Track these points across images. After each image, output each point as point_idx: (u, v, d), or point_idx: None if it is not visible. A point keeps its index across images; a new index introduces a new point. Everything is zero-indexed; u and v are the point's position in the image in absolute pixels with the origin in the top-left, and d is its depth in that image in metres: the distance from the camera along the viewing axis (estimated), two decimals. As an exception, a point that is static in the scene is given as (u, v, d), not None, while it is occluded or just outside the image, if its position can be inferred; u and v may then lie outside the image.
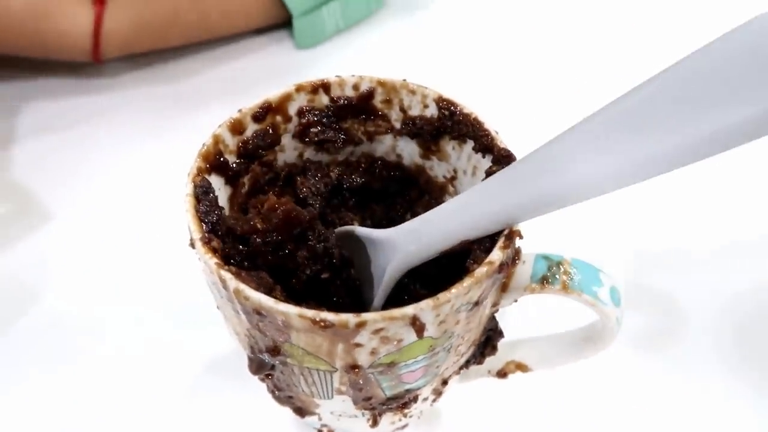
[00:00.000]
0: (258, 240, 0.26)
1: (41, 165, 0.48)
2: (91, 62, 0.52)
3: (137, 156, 0.50)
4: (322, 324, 0.21)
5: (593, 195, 0.21)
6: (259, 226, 0.26)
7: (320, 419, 0.30)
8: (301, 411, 0.29)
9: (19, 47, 0.49)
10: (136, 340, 0.38)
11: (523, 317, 0.32)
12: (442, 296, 0.22)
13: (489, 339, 0.29)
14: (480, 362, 0.30)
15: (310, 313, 0.21)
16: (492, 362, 0.32)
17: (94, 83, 0.54)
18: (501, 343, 0.31)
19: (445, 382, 0.28)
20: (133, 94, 0.54)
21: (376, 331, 0.22)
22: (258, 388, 0.29)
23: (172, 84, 0.55)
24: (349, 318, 0.21)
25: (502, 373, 0.32)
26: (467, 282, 0.22)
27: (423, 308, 0.22)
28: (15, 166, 0.48)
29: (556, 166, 0.22)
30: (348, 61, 0.58)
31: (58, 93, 0.53)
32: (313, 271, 0.28)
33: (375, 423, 0.28)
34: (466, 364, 0.29)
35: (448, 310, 0.23)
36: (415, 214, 0.31)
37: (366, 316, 0.21)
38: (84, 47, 0.50)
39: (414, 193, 0.33)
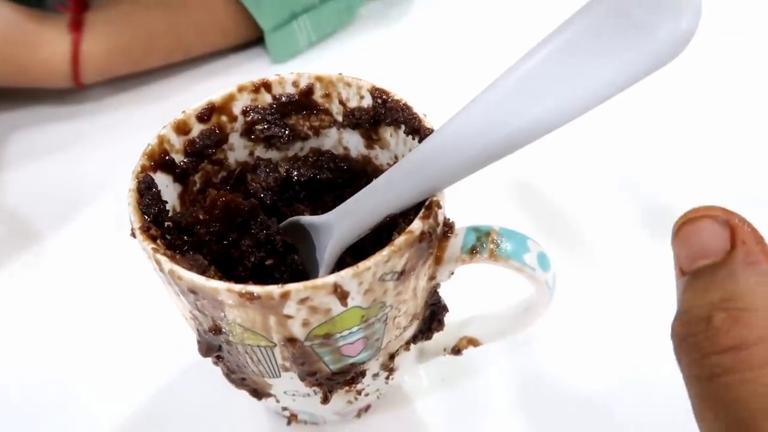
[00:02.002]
0: (201, 230, 0.28)
1: (30, 190, 0.51)
2: (73, 88, 0.55)
3: (123, 177, 0.52)
4: (249, 296, 0.23)
5: (495, 159, 0.23)
6: (201, 216, 0.28)
7: (278, 401, 0.31)
8: (257, 393, 0.30)
9: (2, 78, 0.51)
10: (128, 357, 0.40)
11: (472, 293, 0.34)
12: (362, 264, 0.23)
13: (434, 314, 0.30)
14: (429, 337, 0.31)
15: (237, 287, 0.23)
16: (445, 340, 0.33)
17: (77, 109, 0.57)
18: (452, 321, 0.32)
19: (392, 357, 0.30)
20: (117, 117, 0.57)
21: (302, 301, 0.23)
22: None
23: (155, 105, 0.58)
24: (274, 289, 0.23)
25: (456, 350, 0.33)
26: (387, 251, 0.24)
27: (343, 276, 0.23)
28: (5, 193, 0.51)
29: (460, 136, 0.23)
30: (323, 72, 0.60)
31: (44, 120, 0.56)
32: (257, 258, 0.29)
33: (326, 400, 0.29)
34: (414, 339, 0.30)
35: (371, 278, 0.24)
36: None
37: (289, 286, 0.23)
38: (64, 73, 0.52)
39: (363, 183, 0.34)
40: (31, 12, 0.51)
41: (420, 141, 0.29)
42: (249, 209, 0.29)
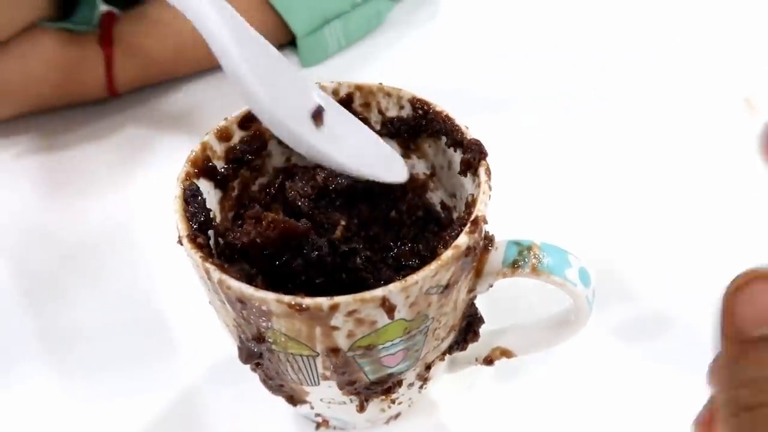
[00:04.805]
0: (255, 252, 0.28)
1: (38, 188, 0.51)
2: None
3: (144, 176, 0.52)
4: (298, 308, 0.23)
5: None
6: (258, 240, 0.28)
7: (312, 407, 0.31)
8: (293, 399, 0.30)
9: (47, 100, 0.53)
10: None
11: (507, 305, 0.34)
12: (410, 279, 0.24)
13: (470, 325, 0.31)
14: (464, 348, 0.31)
15: (287, 298, 0.23)
16: (478, 349, 0.33)
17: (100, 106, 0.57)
18: (486, 331, 0.32)
19: (428, 367, 0.30)
20: (138, 114, 0.57)
21: (350, 313, 0.23)
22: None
23: (182, 107, 0.58)
24: (323, 301, 0.23)
25: (488, 360, 0.33)
26: (434, 265, 0.24)
27: (392, 290, 0.23)
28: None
29: None
30: (352, 76, 0.60)
31: (50, 127, 0.55)
32: (308, 277, 0.29)
33: (362, 408, 0.29)
34: (450, 350, 0.30)
35: (417, 292, 0.24)
36: (399, 211, 0.33)
37: (338, 299, 0.23)
38: (101, 88, 0.53)
39: (398, 191, 0.34)
40: (64, 33, 0.51)
41: (464, 151, 0.29)
42: (304, 231, 0.28)
